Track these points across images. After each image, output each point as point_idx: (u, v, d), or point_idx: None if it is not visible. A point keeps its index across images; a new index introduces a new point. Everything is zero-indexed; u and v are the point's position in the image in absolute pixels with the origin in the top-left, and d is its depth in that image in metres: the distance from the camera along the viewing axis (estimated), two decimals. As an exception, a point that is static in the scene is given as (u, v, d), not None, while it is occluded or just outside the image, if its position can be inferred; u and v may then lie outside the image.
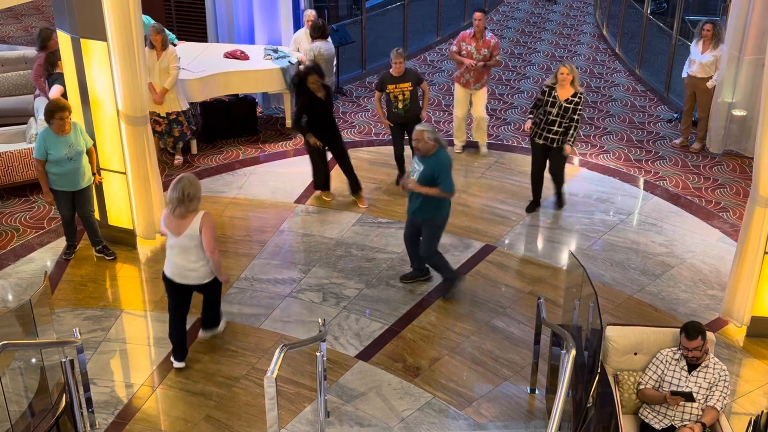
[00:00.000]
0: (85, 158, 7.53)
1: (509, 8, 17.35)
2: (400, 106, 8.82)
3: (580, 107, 8.13)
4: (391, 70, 8.83)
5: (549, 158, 8.49)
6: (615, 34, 14.45)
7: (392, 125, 9.07)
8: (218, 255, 6.24)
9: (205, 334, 6.86)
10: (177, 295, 6.39)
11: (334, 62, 10.37)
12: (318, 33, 9.90)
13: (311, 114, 8.48)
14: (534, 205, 8.78)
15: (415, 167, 7.08)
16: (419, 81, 9.00)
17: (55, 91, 8.67)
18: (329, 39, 10.12)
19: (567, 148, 8.27)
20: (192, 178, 6.17)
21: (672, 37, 11.60)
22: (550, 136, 8.25)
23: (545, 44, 14.74)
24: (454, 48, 9.72)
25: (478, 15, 9.43)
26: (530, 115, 8.51)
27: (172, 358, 6.57)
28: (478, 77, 9.64)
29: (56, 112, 7.27)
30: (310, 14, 10.33)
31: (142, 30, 7.30)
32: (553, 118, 8.14)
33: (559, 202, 8.83)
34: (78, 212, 7.78)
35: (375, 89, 9.19)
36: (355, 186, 8.90)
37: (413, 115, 8.86)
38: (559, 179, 8.69)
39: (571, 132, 8.19)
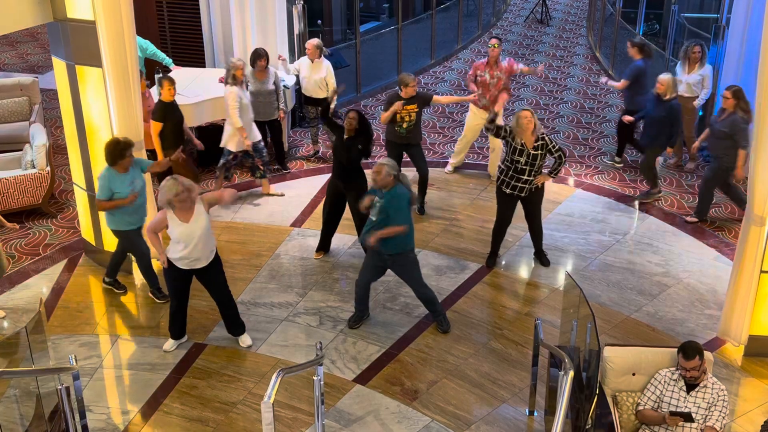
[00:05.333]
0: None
1: (502, 31, 17.50)
2: (405, 126, 8.74)
3: (550, 144, 7.66)
4: (401, 93, 8.73)
5: (524, 208, 7.97)
6: (608, 55, 14.56)
7: (389, 144, 8.99)
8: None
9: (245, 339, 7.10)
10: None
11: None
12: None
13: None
14: (494, 257, 8.21)
15: (376, 202, 6.88)
16: (426, 102, 9.00)
17: None
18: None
19: (541, 177, 7.74)
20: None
21: (665, 58, 11.69)
22: (519, 185, 7.71)
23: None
24: (471, 74, 9.72)
25: (493, 41, 9.48)
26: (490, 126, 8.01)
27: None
28: (495, 100, 9.52)
29: (125, 149, 7.07)
30: (309, 43, 10.33)
31: (137, 56, 7.32)
32: (522, 166, 7.60)
33: (544, 259, 8.24)
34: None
35: (384, 111, 8.82)
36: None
37: (413, 139, 8.88)
38: (539, 231, 8.12)
39: (555, 166, 7.77)
